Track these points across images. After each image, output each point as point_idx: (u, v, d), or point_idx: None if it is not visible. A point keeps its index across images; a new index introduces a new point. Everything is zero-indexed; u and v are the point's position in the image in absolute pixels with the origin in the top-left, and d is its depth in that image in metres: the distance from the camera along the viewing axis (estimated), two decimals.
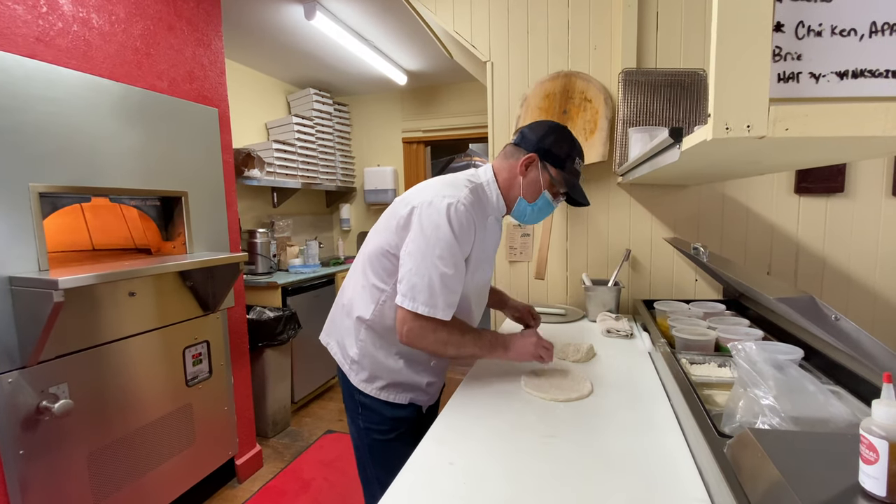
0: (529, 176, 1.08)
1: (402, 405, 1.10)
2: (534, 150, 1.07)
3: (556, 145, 1.07)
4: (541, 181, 1.08)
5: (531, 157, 1.07)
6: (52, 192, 1.39)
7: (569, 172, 1.08)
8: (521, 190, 1.10)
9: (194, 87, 1.87)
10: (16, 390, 1.28)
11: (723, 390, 1.03)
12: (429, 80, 3.65)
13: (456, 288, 0.98)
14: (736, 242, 1.69)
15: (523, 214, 1.14)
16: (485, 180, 1.11)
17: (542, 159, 1.07)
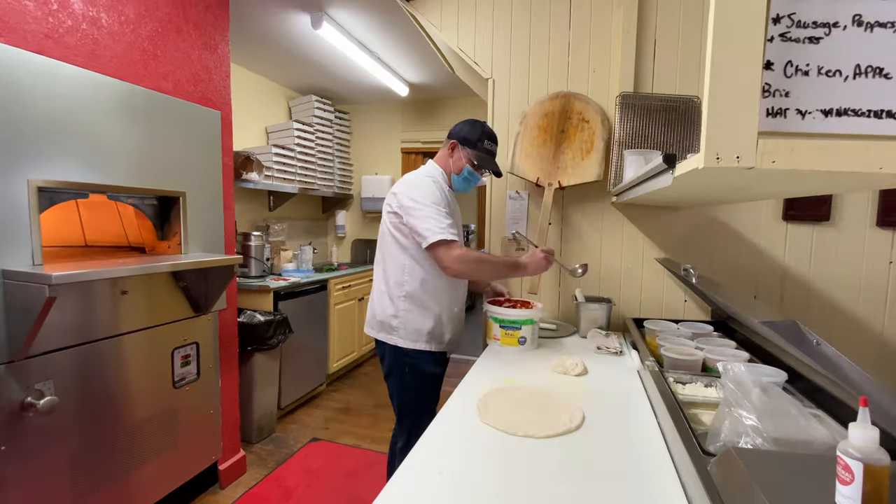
0: (454, 157, 1.50)
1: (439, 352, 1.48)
2: (455, 138, 1.50)
3: (469, 132, 1.48)
4: (462, 159, 1.48)
5: (453, 143, 1.50)
6: (50, 187, 1.39)
7: (480, 150, 1.47)
8: (451, 167, 1.51)
9: (199, 90, 1.89)
10: (1, 385, 1.26)
11: (708, 410, 1.05)
12: (430, 92, 3.71)
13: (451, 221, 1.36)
14: (725, 265, 1.73)
15: (457, 184, 1.53)
16: (431, 168, 1.54)
17: (461, 144, 1.48)
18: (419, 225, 1.35)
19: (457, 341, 1.56)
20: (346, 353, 3.43)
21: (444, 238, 1.31)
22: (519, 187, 1.92)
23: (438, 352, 1.48)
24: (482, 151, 1.48)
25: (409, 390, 1.47)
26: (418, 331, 1.45)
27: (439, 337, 1.47)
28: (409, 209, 1.38)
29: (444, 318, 1.47)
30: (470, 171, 1.49)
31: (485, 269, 1.38)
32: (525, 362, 1.37)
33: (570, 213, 1.87)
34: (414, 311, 1.45)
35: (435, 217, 1.34)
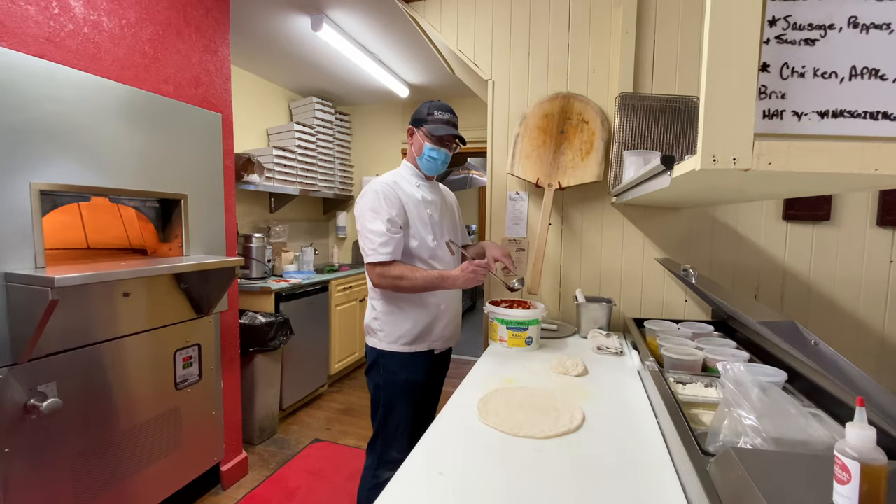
0: (414, 140, 1.51)
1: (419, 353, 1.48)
2: (410, 125, 1.53)
3: (418, 112, 1.49)
4: (420, 139, 1.48)
5: (409, 129, 1.53)
6: (52, 191, 1.40)
7: (432, 122, 1.45)
8: (415, 151, 1.52)
9: (199, 93, 1.90)
10: (4, 387, 1.27)
11: (708, 410, 1.05)
12: (430, 93, 3.71)
13: (387, 239, 1.36)
14: (725, 265, 1.73)
15: (425, 166, 1.51)
16: (400, 167, 1.57)
17: (415, 126, 1.49)
18: (360, 243, 1.42)
19: (448, 337, 1.55)
20: (348, 354, 3.44)
21: (372, 261, 1.36)
22: (519, 188, 1.92)
23: (420, 352, 1.47)
24: (434, 122, 1.46)
25: (385, 389, 1.48)
26: (396, 333, 1.46)
27: (422, 336, 1.47)
28: (358, 224, 1.44)
29: (427, 318, 1.47)
30: (430, 147, 1.46)
31: (404, 284, 1.36)
32: (525, 363, 1.38)
33: (569, 213, 1.88)
34: (392, 314, 1.46)
35: (368, 237, 1.38)
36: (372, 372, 1.51)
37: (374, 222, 1.37)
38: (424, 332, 1.47)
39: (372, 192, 1.41)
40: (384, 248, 1.35)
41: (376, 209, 1.38)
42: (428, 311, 1.47)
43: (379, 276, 1.36)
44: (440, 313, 1.50)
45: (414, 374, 1.46)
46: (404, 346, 1.45)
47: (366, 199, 1.42)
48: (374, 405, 1.50)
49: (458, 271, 1.39)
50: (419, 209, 1.47)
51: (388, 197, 1.41)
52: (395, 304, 1.46)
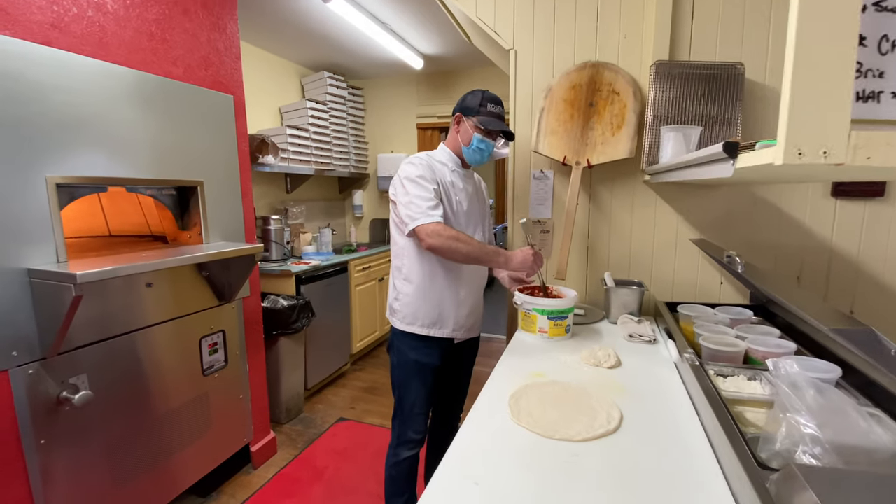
0: (462, 129, 1.47)
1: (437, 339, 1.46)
2: (458, 111, 1.47)
3: (470, 101, 1.44)
4: (469, 128, 1.44)
5: (457, 116, 1.47)
6: (68, 184, 1.37)
7: (484, 114, 1.42)
8: (460, 141, 1.48)
9: (209, 74, 1.83)
10: (36, 382, 1.29)
11: (754, 408, 0.99)
12: (446, 64, 3.56)
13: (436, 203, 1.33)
14: (766, 245, 1.63)
15: (470, 157, 1.47)
16: (437, 150, 1.52)
17: (465, 115, 1.44)
18: (402, 212, 1.35)
19: (469, 326, 1.53)
20: (369, 332, 3.46)
21: (421, 223, 1.30)
22: (544, 166, 1.82)
23: (438, 338, 1.45)
24: (486, 115, 1.43)
25: (398, 369, 1.49)
26: (415, 314, 1.44)
27: (440, 322, 1.45)
28: (397, 195, 1.38)
29: (448, 303, 1.45)
30: (480, 139, 1.43)
31: (459, 246, 1.29)
32: (555, 353, 1.33)
33: (598, 191, 1.78)
34: (413, 295, 1.44)
35: (415, 202, 1.32)
36: (390, 351, 1.54)
37: (418, 188, 1.33)
38: (442, 318, 1.45)
39: (412, 165, 1.39)
40: (435, 211, 1.31)
41: (420, 178, 1.35)
42: (448, 295, 1.45)
43: (434, 234, 1.28)
44: (460, 301, 1.47)
45: (425, 357, 1.45)
46: (420, 328, 1.44)
47: (407, 170, 1.37)
48: (393, 383, 1.53)
49: (519, 252, 1.39)
50: (449, 193, 1.43)
51: (430, 170, 1.39)
52: (415, 286, 1.44)
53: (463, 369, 1.66)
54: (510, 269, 1.40)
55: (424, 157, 1.43)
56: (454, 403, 1.71)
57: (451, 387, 1.65)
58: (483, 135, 1.42)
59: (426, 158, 1.43)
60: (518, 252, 1.40)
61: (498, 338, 3.78)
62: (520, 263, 1.38)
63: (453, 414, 1.73)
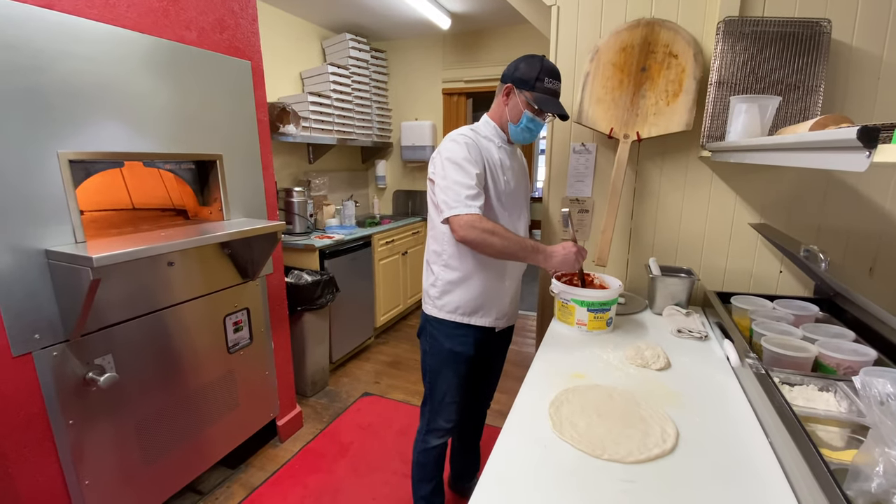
0: (511, 103, 1.30)
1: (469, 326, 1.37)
2: (509, 81, 1.28)
3: (525, 71, 1.25)
4: (520, 104, 1.27)
5: (508, 87, 1.29)
6: (82, 160, 1.31)
7: (539, 91, 1.24)
8: (507, 116, 1.32)
9: (225, 38, 1.71)
10: (62, 363, 1.28)
11: (829, 426, 0.88)
12: (475, 23, 3.31)
13: (477, 192, 1.20)
14: (836, 232, 1.45)
15: (517, 135, 1.32)
16: (481, 124, 1.37)
17: (517, 87, 1.27)
18: (440, 197, 1.23)
19: (510, 314, 1.46)
20: (393, 306, 3.42)
21: (456, 213, 1.18)
22: (586, 139, 1.66)
23: (476, 326, 1.37)
24: (542, 92, 1.25)
25: (431, 357, 1.41)
26: (457, 303, 1.35)
27: (478, 310, 1.36)
28: (436, 176, 1.25)
29: (487, 292, 1.36)
30: (530, 118, 1.27)
31: (494, 241, 1.17)
32: (596, 350, 1.22)
33: (645, 167, 1.61)
34: (452, 283, 1.35)
35: (454, 189, 1.19)
36: (421, 337, 1.46)
37: (460, 173, 1.20)
38: (485, 306, 1.36)
39: (456, 144, 1.24)
40: (474, 202, 1.18)
41: (465, 160, 1.21)
42: (492, 284, 1.35)
43: (468, 226, 1.16)
44: (504, 289, 1.38)
45: (460, 346, 1.37)
46: (462, 315, 1.35)
47: (450, 149, 1.24)
48: (423, 367, 1.45)
49: (559, 248, 1.25)
50: (497, 174, 1.30)
51: (476, 150, 1.25)
52: (458, 273, 1.33)
53: (496, 358, 1.58)
54: (549, 267, 1.26)
55: (470, 134, 1.28)
56: (485, 392, 1.65)
57: (483, 375, 1.58)
58: (535, 114, 1.27)
59: (472, 135, 1.28)
60: (559, 248, 1.26)
61: (524, 314, 3.69)
62: (560, 262, 1.25)
63: (482, 404, 1.67)
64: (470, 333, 1.37)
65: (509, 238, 1.19)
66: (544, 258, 1.24)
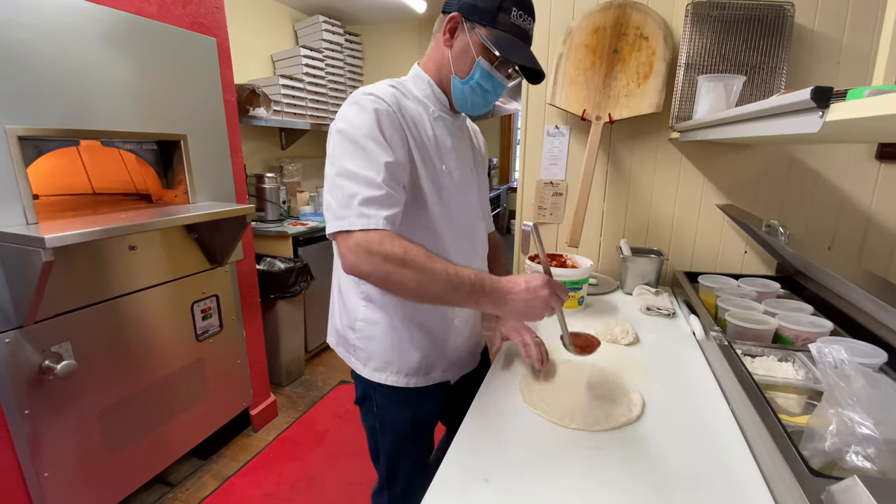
0: (457, 45, 0.85)
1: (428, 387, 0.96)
2: (455, 9, 0.83)
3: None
4: (471, 46, 0.83)
5: (453, 17, 0.83)
6: (33, 136, 1.23)
7: (503, 29, 0.81)
8: (450, 66, 0.86)
9: (188, 13, 1.63)
10: (15, 351, 1.21)
11: (788, 393, 0.91)
12: None
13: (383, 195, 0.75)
14: (798, 211, 1.50)
15: (463, 99, 0.88)
16: (409, 77, 0.92)
17: (467, 19, 0.82)
18: (325, 197, 0.80)
19: (465, 361, 1.03)
20: None
21: (344, 228, 0.74)
22: (559, 121, 1.66)
23: (425, 387, 0.96)
24: (507, 30, 0.82)
25: (385, 435, 0.98)
26: (384, 357, 0.92)
27: (425, 367, 0.95)
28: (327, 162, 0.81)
29: (434, 339, 0.94)
30: (485, 71, 0.84)
31: (405, 276, 0.72)
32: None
33: (618, 150, 1.63)
34: (377, 325, 0.91)
35: (344, 185, 0.75)
36: (363, 407, 1.01)
37: (358, 160, 0.76)
38: (430, 359, 0.95)
39: (360, 109, 0.78)
40: (376, 210, 0.74)
41: (367, 140, 0.77)
42: (438, 324, 0.95)
43: (361, 249, 0.73)
44: (452, 330, 0.97)
45: (423, 411, 0.97)
46: (395, 376, 0.93)
47: (347, 119, 0.79)
48: (373, 448, 1.03)
49: (521, 285, 0.76)
50: (429, 160, 0.87)
51: (394, 119, 0.80)
52: (385, 311, 0.91)
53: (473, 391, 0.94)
54: (504, 315, 0.82)
55: (385, 94, 0.82)
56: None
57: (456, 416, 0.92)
58: (493, 63, 0.84)
59: (389, 96, 0.82)
60: (520, 284, 0.77)
61: None
62: (522, 307, 0.76)
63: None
64: (433, 393, 0.98)
65: (432, 270, 0.72)
66: (495, 300, 0.76)
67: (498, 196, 5.22)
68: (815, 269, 1.22)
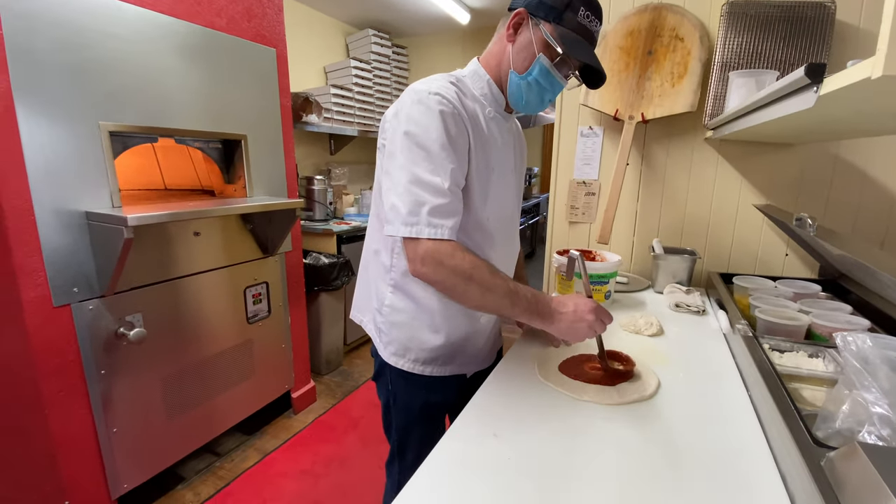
0: (520, 40, 0.85)
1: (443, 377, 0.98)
2: (523, 4, 0.83)
3: None
4: (534, 42, 0.82)
5: (519, 12, 0.83)
6: (121, 132, 1.43)
7: (570, 26, 0.81)
8: (510, 61, 0.85)
9: (252, 26, 1.82)
10: (96, 317, 1.40)
11: (814, 385, 0.90)
12: (493, 18, 3.37)
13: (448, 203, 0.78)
14: (845, 212, 1.45)
15: (519, 95, 0.88)
16: (467, 72, 0.92)
17: (533, 14, 0.82)
18: (388, 198, 0.81)
19: (484, 356, 1.05)
20: None
21: (414, 236, 0.78)
22: (593, 122, 1.70)
23: (441, 377, 0.97)
24: (574, 29, 0.81)
25: (397, 413, 1.01)
26: (404, 344, 0.94)
27: (443, 359, 0.96)
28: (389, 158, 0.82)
29: (459, 333, 0.95)
30: (545, 69, 0.83)
31: (470, 291, 0.78)
32: None
33: (652, 150, 1.64)
34: (402, 313, 0.93)
35: (413, 191, 0.77)
36: (379, 382, 1.03)
37: (427, 168, 0.77)
38: (451, 352, 0.96)
39: (428, 110, 0.78)
40: (445, 220, 0.77)
41: (437, 146, 0.78)
42: (463, 321, 0.95)
43: (432, 260, 0.77)
44: (477, 328, 0.99)
45: (436, 396, 0.99)
46: (416, 364, 0.95)
47: (415, 120, 0.79)
48: (386, 421, 1.06)
49: (568, 307, 0.83)
50: (489, 158, 0.89)
51: (455, 126, 0.80)
52: (412, 299, 0.92)
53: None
54: (553, 331, 0.85)
55: (450, 94, 0.81)
56: None
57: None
58: (555, 63, 0.83)
59: (454, 96, 0.82)
60: (568, 306, 0.83)
61: None
62: (567, 328, 0.83)
63: None
64: (446, 383, 0.99)
65: (495, 287, 0.78)
66: (545, 318, 0.83)
67: (538, 204, 5.22)
68: (858, 270, 1.18)
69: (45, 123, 1.24)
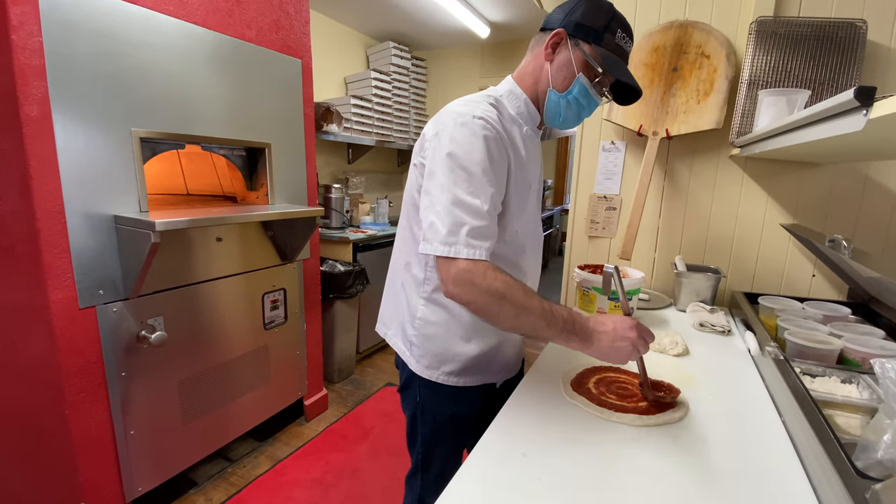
0: (558, 59, 0.87)
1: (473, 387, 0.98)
2: (561, 25, 0.86)
3: (589, 15, 0.84)
4: (573, 62, 0.86)
5: (558, 32, 0.86)
6: (151, 138, 1.46)
7: (608, 47, 0.84)
8: (549, 80, 0.88)
9: (280, 37, 1.86)
10: (119, 319, 1.41)
11: (848, 412, 0.87)
12: (512, 32, 3.40)
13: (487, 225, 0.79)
14: (874, 234, 1.42)
15: (557, 112, 0.90)
16: (503, 91, 0.93)
17: (572, 35, 0.85)
18: (426, 215, 0.82)
19: (512, 365, 1.05)
20: None
21: (450, 255, 0.77)
22: (615, 136, 1.69)
23: (473, 387, 0.98)
24: (611, 49, 0.85)
25: (424, 425, 1.01)
26: (438, 356, 0.95)
27: (475, 369, 0.97)
28: (429, 179, 0.83)
29: (488, 343, 0.96)
30: (584, 88, 0.86)
31: (504, 312, 0.77)
32: None
33: (675, 166, 1.63)
34: (436, 325, 0.94)
35: (453, 212, 0.78)
36: (406, 394, 1.03)
37: (468, 190, 0.78)
38: (482, 362, 0.97)
39: (471, 133, 0.80)
40: (482, 241, 0.78)
41: (478, 169, 0.79)
42: (493, 330, 0.95)
43: (466, 281, 0.77)
44: (508, 337, 1.00)
45: (464, 408, 0.99)
46: (450, 377, 0.96)
47: (458, 142, 0.80)
48: (411, 434, 1.05)
49: (608, 326, 0.80)
50: (524, 179, 0.91)
51: (497, 151, 0.82)
52: (446, 311, 0.93)
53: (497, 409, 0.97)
54: (592, 353, 0.81)
55: (492, 117, 0.83)
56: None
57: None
58: (594, 82, 0.87)
59: (495, 116, 0.83)
60: (607, 325, 0.80)
61: None
62: (608, 348, 0.80)
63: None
64: (474, 394, 0.99)
65: (530, 308, 0.77)
66: (583, 339, 0.79)
67: (551, 217, 5.21)
68: (891, 294, 1.15)
69: (80, 129, 1.27)
